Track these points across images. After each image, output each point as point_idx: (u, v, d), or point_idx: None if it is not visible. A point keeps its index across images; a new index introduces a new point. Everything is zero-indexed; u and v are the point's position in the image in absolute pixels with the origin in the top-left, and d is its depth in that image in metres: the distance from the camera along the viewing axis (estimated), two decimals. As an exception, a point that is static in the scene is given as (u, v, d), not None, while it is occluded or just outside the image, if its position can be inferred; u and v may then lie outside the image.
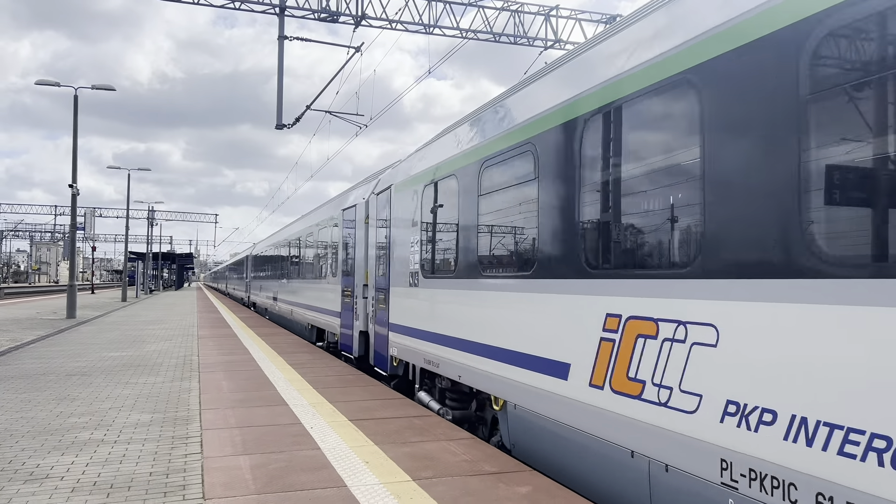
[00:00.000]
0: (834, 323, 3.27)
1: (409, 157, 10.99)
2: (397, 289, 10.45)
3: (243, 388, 10.18)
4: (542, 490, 5.33)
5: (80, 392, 9.91)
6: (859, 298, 3.16)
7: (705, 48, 4.19)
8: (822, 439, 3.28)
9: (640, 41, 4.93)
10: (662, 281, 4.46)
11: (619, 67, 5.05)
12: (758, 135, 3.74)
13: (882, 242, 3.16)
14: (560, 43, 22.90)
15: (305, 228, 20.90)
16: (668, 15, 4.72)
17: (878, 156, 3.19)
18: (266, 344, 17.08)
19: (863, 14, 3.19)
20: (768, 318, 3.64)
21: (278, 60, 21.05)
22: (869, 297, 3.10)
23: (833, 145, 3.40)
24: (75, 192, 27.35)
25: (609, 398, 4.92)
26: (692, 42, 4.31)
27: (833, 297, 3.27)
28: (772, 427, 3.57)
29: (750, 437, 3.70)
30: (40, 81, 27.61)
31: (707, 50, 4.17)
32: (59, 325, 22.05)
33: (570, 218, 5.58)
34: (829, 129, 3.43)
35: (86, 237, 50.74)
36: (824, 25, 3.37)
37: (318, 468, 5.96)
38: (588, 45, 5.90)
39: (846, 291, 3.21)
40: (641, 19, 5.07)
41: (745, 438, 3.73)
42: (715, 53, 4.10)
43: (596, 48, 5.65)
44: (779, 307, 3.57)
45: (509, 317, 6.63)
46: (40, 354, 14.69)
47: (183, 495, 5.26)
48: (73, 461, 6.24)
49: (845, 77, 3.36)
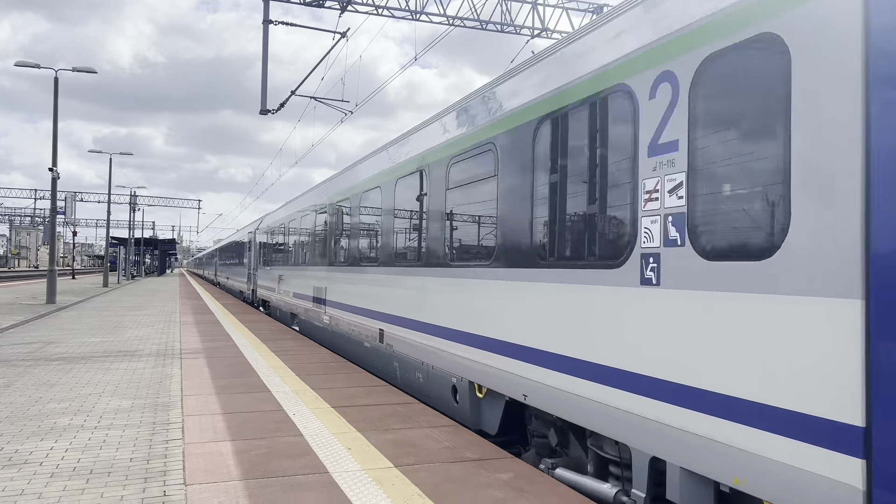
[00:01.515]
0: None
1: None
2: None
3: (226, 375, 10.13)
4: (523, 476, 5.37)
5: (60, 378, 9.82)
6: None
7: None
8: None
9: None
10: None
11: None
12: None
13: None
14: (547, 31, 22.85)
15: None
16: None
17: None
18: (249, 331, 17.00)
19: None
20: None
21: (263, 45, 20.82)
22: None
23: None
24: (55, 176, 26.97)
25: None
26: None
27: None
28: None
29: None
30: (20, 63, 27.15)
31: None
32: (39, 311, 21.80)
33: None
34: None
35: (66, 222, 50.15)
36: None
37: (300, 455, 5.95)
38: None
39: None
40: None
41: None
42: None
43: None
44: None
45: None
46: (19, 340, 14.53)
47: (164, 481, 5.24)
48: (52, 447, 6.19)
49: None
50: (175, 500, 4.81)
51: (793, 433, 3.45)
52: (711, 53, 4.08)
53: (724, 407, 3.87)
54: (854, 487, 3.16)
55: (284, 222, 20.64)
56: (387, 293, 10.26)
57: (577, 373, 5.23)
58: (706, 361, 4.01)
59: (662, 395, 4.33)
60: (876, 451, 3.10)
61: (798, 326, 3.46)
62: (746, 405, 3.72)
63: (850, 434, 3.16)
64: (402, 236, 9.79)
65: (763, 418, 3.61)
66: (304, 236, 17.19)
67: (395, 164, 10.17)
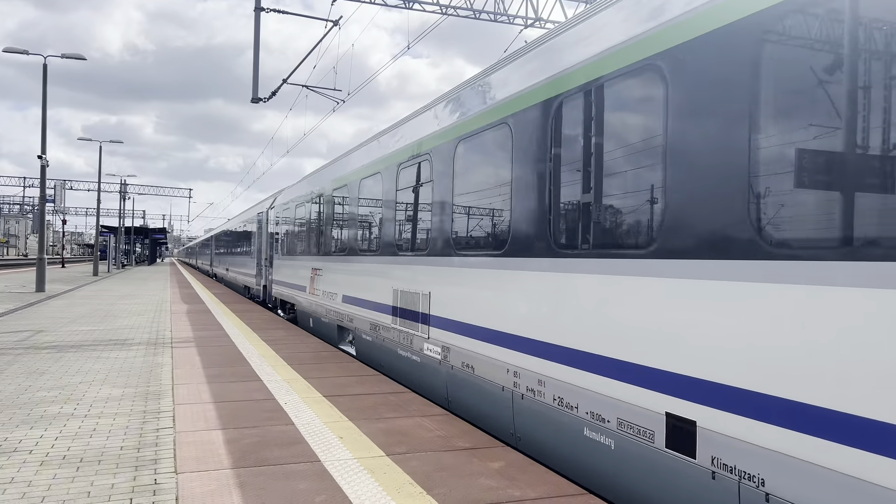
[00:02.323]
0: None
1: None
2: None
3: (217, 364, 10.11)
4: (514, 465, 5.39)
5: (50, 366, 9.77)
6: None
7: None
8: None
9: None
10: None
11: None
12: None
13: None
14: (540, 21, 22.78)
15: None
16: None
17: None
18: (241, 320, 16.96)
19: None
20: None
21: (254, 33, 20.66)
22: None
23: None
24: (44, 164, 26.74)
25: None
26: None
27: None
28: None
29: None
30: (9, 49, 26.84)
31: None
32: (29, 299, 21.67)
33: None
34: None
35: (56, 210, 49.81)
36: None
37: (291, 443, 5.95)
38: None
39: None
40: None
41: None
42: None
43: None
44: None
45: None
46: (9, 328, 14.43)
47: (155, 469, 5.23)
48: (42, 435, 6.16)
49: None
50: (166, 489, 4.80)
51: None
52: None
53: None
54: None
55: (325, 191, 14.27)
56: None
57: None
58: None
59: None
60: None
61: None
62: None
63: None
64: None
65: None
66: (377, 210, 10.57)
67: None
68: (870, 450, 3.14)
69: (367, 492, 4.77)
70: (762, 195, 3.78)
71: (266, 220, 22.88)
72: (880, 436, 3.10)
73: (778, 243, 3.68)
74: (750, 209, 3.84)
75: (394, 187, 9.77)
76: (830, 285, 3.37)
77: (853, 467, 3.21)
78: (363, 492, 4.77)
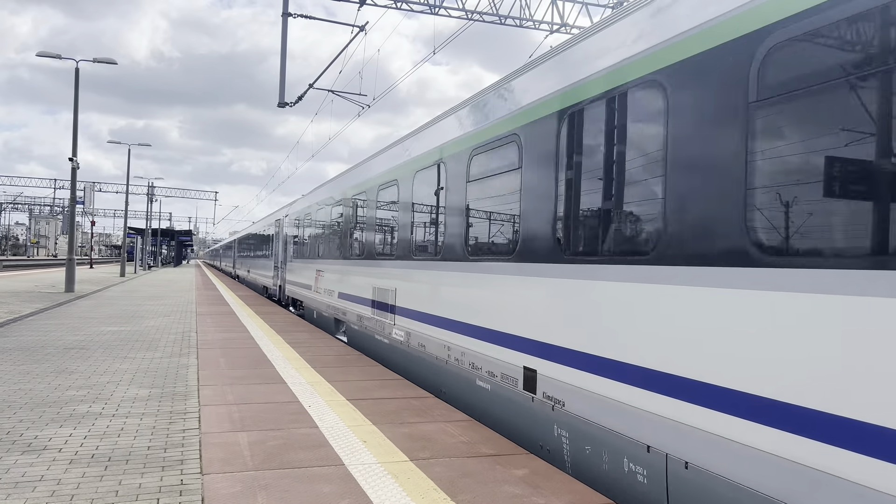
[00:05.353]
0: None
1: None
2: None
3: (241, 366, 10.18)
4: (538, 473, 5.35)
5: (79, 365, 9.92)
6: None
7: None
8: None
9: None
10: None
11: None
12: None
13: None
14: (566, 27, 22.70)
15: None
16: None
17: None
18: (265, 322, 17.08)
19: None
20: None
21: (282, 38, 20.88)
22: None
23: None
24: (75, 166, 27.22)
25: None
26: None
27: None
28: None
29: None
30: (41, 53, 27.42)
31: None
32: (58, 299, 22.04)
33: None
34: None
35: (85, 211, 50.61)
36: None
37: (315, 446, 5.97)
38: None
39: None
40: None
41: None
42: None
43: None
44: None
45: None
46: (39, 327, 14.69)
47: (181, 469, 5.28)
48: (70, 433, 6.24)
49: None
50: (192, 489, 4.84)
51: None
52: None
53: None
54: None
55: (330, 203, 16.20)
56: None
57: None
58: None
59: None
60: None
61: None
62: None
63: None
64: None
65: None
66: (366, 222, 12.66)
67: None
68: (598, 373, 5.28)
69: (392, 497, 4.77)
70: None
71: (282, 227, 25.70)
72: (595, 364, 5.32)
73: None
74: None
75: (374, 203, 12.11)
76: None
77: (605, 389, 5.16)
78: (387, 497, 4.77)
